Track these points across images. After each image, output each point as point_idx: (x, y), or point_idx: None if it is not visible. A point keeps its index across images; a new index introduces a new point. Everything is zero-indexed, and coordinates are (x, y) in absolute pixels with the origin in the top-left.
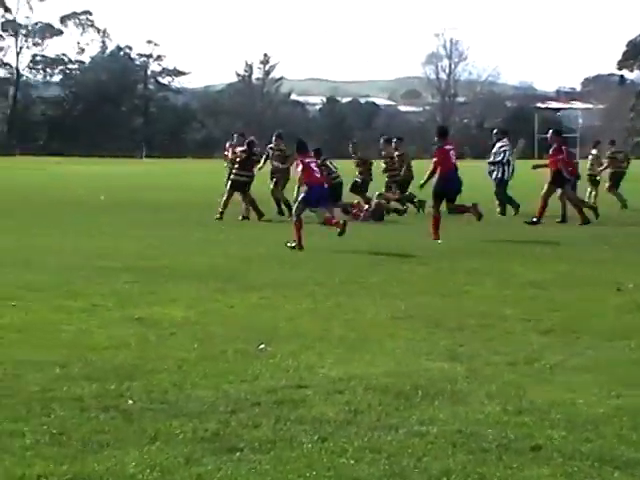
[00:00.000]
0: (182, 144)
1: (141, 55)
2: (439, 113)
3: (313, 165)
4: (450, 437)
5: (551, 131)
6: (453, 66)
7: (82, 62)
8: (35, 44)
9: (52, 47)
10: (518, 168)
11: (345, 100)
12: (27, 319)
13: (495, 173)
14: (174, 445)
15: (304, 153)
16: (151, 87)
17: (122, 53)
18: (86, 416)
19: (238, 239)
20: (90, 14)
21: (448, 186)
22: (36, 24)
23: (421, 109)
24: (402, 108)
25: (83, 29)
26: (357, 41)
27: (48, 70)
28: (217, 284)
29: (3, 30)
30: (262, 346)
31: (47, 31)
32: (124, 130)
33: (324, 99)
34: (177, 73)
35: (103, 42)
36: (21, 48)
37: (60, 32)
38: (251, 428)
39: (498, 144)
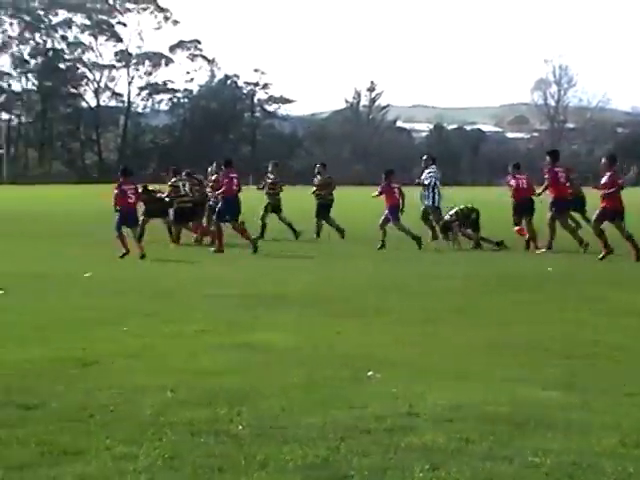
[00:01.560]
0: (289, 171)
1: (248, 83)
2: (547, 139)
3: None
4: (566, 469)
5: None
6: (562, 92)
7: (190, 91)
8: (146, 73)
9: (161, 76)
10: (630, 196)
11: (451, 127)
12: (139, 344)
13: (427, 200)
14: (284, 472)
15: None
16: (258, 115)
17: (230, 81)
18: (197, 441)
19: (341, 266)
20: (199, 43)
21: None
22: (146, 54)
23: (529, 136)
24: (509, 135)
25: (192, 58)
26: (463, 67)
27: (157, 99)
28: (325, 310)
29: (116, 60)
30: (371, 373)
31: (157, 60)
32: (232, 157)
33: (430, 126)
34: (284, 101)
35: (211, 71)
36: (132, 77)
37: (170, 61)
38: (361, 456)
39: (426, 170)
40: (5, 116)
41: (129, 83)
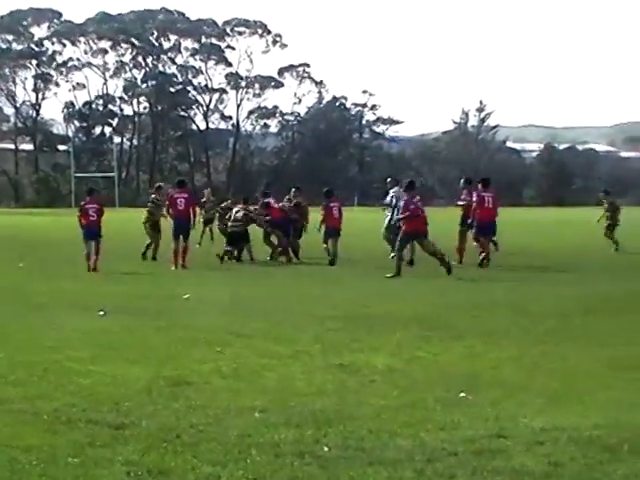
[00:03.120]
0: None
1: (356, 105)
2: None
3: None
4: None
5: None
6: None
7: (299, 113)
8: (255, 96)
9: (270, 99)
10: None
11: (563, 146)
12: (232, 365)
13: (388, 217)
14: None
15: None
16: (366, 136)
17: (338, 103)
18: (281, 462)
19: (434, 288)
20: (308, 66)
21: None
22: (256, 77)
23: None
24: (623, 154)
25: (300, 81)
26: (575, 86)
27: (266, 122)
28: (421, 332)
29: (225, 83)
30: (463, 394)
31: (266, 83)
32: (340, 179)
33: (541, 146)
34: (392, 122)
35: (319, 93)
36: (241, 100)
37: (280, 84)
38: (447, 478)
39: (391, 191)
40: (117, 140)
41: (238, 106)
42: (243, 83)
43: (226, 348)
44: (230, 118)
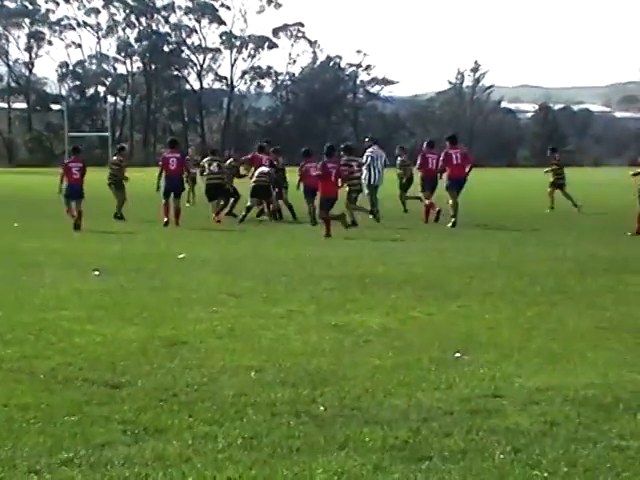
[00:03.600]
0: (390, 153)
1: (351, 65)
2: None
3: None
4: None
5: None
6: None
7: (293, 73)
8: (249, 56)
9: (264, 59)
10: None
11: (558, 107)
12: (227, 325)
13: (366, 178)
14: (363, 453)
15: None
16: (360, 96)
17: (332, 63)
18: (278, 421)
19: (433, 248)
20: (302, 26)
21: None
22: (250, 37)
23: (638, 115)
24: (618, 114)
25: (295, 41)
26: (570, 46)
27: (260, 82)
28: (416, 292)
29: (220, 43)
30: (458, 354)
31: (260, 43)
32: (334, 139)
33: (536, 106)
34: (386, 82)
35: (314, 53)
36: (235, 60)
37: (274, 45)
38: (442, 437)
39: (367, 150)
40: (111, 99)
41: (232, 66)
42: (237, 43)
43: (221, 308)
44: (224, 78)
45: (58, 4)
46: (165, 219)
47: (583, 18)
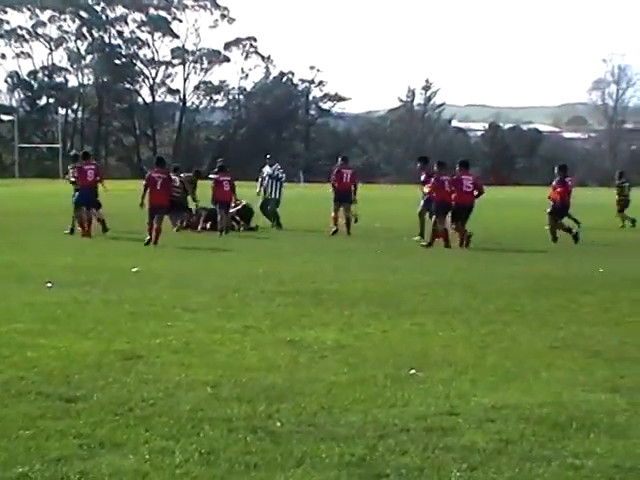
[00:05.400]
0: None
1: (303, 81)
2: (606, 140)
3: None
4: (606, 471)
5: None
6: (621, 92)
7: (245, 88)
8: (202, 70)
9: (217, 73)
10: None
11: (507, 126)
12: (182, 339)
13: (274, 193)
14: (320, 469)
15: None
16: (312, 112)
17: (285, 79)
18: (234, 437)
19: (383, 265)
20: (255, 40)
21: None
22: (203, 51)
23: (587, 136)
24: (567, 135)
25: (247, 55)
26: (520, 66)
27: (212, 96)
28: (371, 309)
29: (172, 57)
30: (413, 371)
31: (213, 58)
32: (286, 155)
33: (486, 125)
34: (338, 99)
35: (267, 68)
36: (188, 74)
37: (226, 59)
38: (398, 454)
39: (277, 166)
40: (62, 111)
41: (185, 80)
42: (190, 57)
43: (176, 322)
44: (177, 92)
45: (7, 12)
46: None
47: (534, 38)
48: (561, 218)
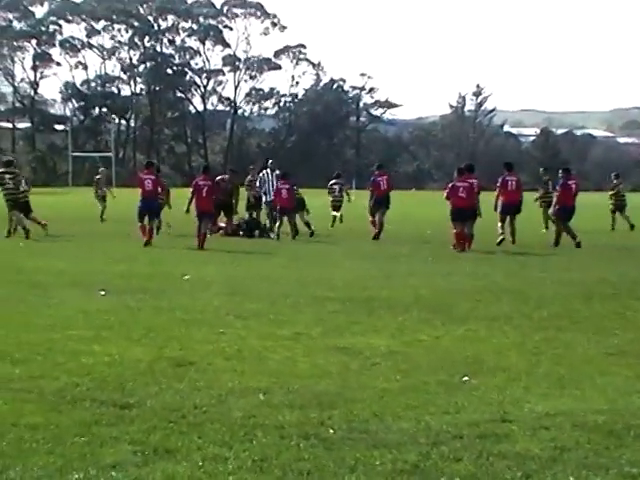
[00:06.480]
0: (394, 176)
1: (354, 87)
2: None
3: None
4: None
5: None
6: None
7: (296, 95)
8: (252, 78)
9: (268, 81)
10: None
11: (560, 131)
12: (234, 346)
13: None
14: (373, 476)
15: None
16: (363, 119)
17: (335, 85)
18: (287, 444)
19: (435, 271)
20: (304, 47)
21: None
22: (253, 58)
23: None
24: (620, 140)
25: (297, 62)
26: (573, 71)
27: (263, 103)
28: (423, 315)
29: (223, 65)
30: (465, 378)
31: (264, 65)
32: (336, 161)
33: (538, 130)
34: (389, 105)
35: (317, 75)
36: (239, 82)
37: (277, 66)
38: (452, 461)
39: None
40: (115, 120)
41: (236, 87)
42: (241, 65)
43: (228, 329)
44: (228, 100)
45: (61, 26)
46: (145, 238)
47: (587, 43)
48: (568, 221)
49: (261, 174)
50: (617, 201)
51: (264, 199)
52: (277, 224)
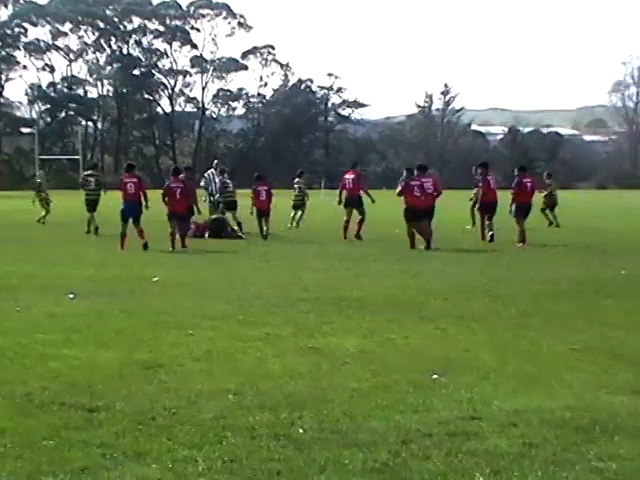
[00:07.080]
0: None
1: (322, 88)
2: (626, 143)
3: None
4: (630, 474)
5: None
6: None
7: (264, 96)
8: (220, 79)
9: (236, 81)
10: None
11: (527, 130)
12: (204, 347)
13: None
14: (344, 475)
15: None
16: (331, 119)
17: (303, 86)
18: (257, 444)
19: (404, 271)
20: (272, 48)
21: None
22: (221, 59)
23: (607, 139)
24: (587, 138)
25: (265, 63)
26: (539, 70)
27: (231, 104)
28: (393, 315)
29: (191, 66)
30: (435, 377)
31: (231, 66)
32: (305, 162)
33: (505, 129)
34: (357, 105)
35: (285, 76)
36: (206, 83)
37: (244, 67)
38: (422, 460)
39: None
40: (82, 122)
41: (203, 89)
42: (208, 66)
43: (197, 331)
44: (196, 101)
45: (27, 29)
46: (120, 249)
47: (553, 42)
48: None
49: (206, 174)
50: (549, 200)
51: (209, 199)
52: (259, 226)
